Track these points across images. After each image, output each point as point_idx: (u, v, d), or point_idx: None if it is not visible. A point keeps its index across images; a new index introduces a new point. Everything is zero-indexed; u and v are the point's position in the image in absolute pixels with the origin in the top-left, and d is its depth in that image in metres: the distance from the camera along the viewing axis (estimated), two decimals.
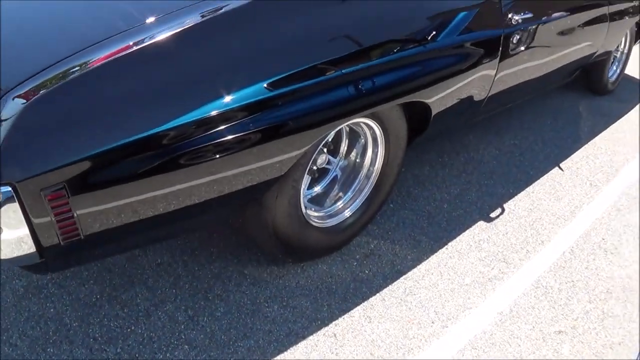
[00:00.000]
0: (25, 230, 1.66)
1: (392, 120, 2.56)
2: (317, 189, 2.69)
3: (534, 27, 3.16)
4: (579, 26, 3.70)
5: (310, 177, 2.59)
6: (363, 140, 2.65)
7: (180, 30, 1.92)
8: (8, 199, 1.59)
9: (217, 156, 1.92)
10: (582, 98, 4.65)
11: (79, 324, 2.28)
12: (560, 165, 3.62)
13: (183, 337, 2.28)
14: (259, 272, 2.56)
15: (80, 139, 1.69)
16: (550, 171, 3.56)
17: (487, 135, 3.83)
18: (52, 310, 2.33)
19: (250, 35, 2.04)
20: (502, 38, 2.89)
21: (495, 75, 2.96)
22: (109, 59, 1.81)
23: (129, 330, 2.29)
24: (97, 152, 1.69)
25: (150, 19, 1.99)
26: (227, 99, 1.89)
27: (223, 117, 1.87)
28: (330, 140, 2.54)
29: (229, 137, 1.90)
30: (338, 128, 2.36)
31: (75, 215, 1.71)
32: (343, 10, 2.29)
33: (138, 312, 2.35)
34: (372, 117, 2.46)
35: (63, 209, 1.68)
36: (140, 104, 1.80)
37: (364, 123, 2.52)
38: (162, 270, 2.52)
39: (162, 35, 1.90)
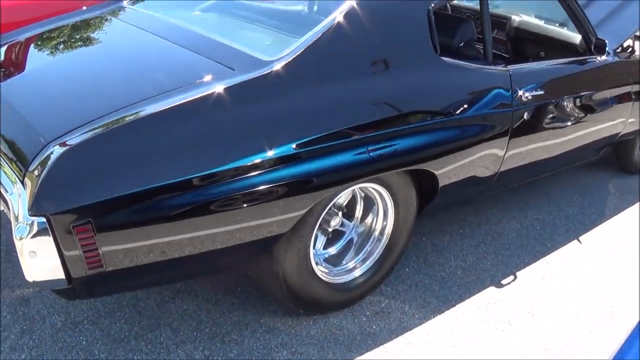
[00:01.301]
0: (56, 258, 1.99)
1: (401, 187, 2.81)
2: (332, 250, 2.93)
3: (545, 105, 3.37)
4: (597, 106, 3.86)
5: (325, 238, 2.85)
6: (376, 206, 2.90)
7: (204, 96, 2.26)
8: (42, 229, 1.93)
9: (230, 209, 2.24)
10: (613, 176, 4.77)
11: (106, 356, 2.58)
12: (579, 238, 3.76)
13: None
14: (274, 322, 2.81)
15: (109, 182, 2.02)
16: (568, 244, 3.69)
17: (511, 209, 4.01)
18: (84, 342, 2.64)
19: (265, 104, 2.36)
20: (512, 115, 3.12)
21: (505, 152, 3.18)
22: (144, 114, 2.17)
23: None
24: (122, 195, 2.02)
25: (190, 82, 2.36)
26: (240, 157, 2.22)
27: (236, 173, 2.19)
28: (344, 203, 2.81)
29: (240, 192, 2.22)
30: (345, 191, 2.64)
31: (99, 248, 2.02)
32: (353, 81, 2.58)
33: (160, 349, 2.63)
34: (379, 182, 2.72)
35: (89, 242, 2.00)
36: (164, 157, 2.13)
37: (373, 188, 2.77)
38: (187, 315, 2.81)
39: (189, 99, 2.25)
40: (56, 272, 2.03)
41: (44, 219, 1.93)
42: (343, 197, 2.76)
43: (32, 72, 2.90)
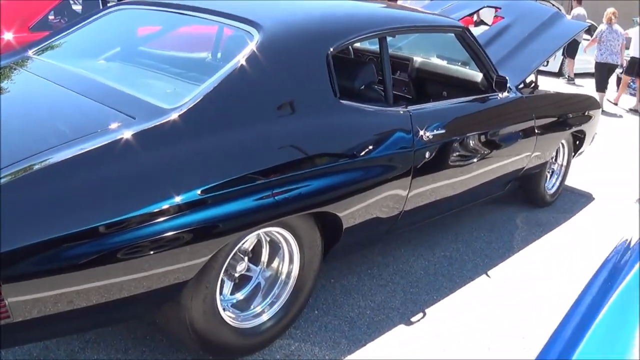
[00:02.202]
0: None
1: (305, 230, 2.85)
2: (239, 295, 2.93)
3: (448, 144, 3.49)
4: (501, 142, 4.02)
5: (232, 283, 2.86)
6: (281, 250, 2.93)
7: (107, 144, 2.28)
8: None
9: (135, 256, 2.24)
10: (520, 210, 4.96)
11: None
12: (488, 273, 3.87)
13: None
14: None
15: (13, 232, 1.99)
16: (477, 279, 3.80)
17: (419, 248, 4.10)
18: None
19: (168, 151, 2.38)
20: (413, 155, 3.22)
21: (408, 192, 3.27)
22: (47, 164, 2.17)
23: None
24: (27, 244, 2.00)
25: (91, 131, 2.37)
26: (144, 204, 2.23)
27: (137, 221, 2.19)
28: (250, 248, 2.83)
29: (146, 239, 2.23)
30: (250, 236, 2.67)
31: (5, 299, 1.99)
32: (255, 125, 2.63)
33: None
34: (283, 226, 2.76)
35: None
36: (69, 205, 2.13)
37: (277, 232, 2.81)
38: None
39: (92, 147, 2.26)
40: None
41: None
42: (248, 242, 2.79)
43: None
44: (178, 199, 2.28)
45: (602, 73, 11.04)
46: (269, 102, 2.74)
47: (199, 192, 2.35)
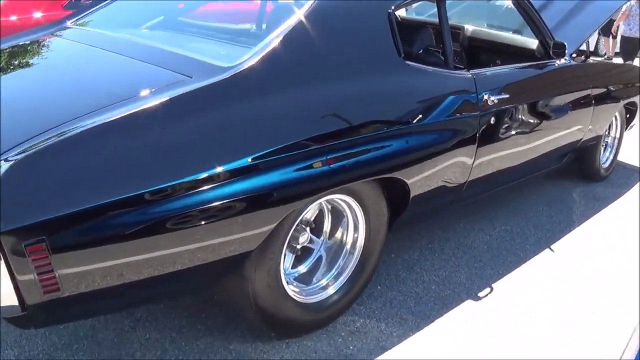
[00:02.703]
0: (7, 281, 1.77)
1: (371, 197, 2.67)
2: (302, 268, 2.76)
3: (510, 110, 3.30)
4: (559, 110, 3.81)
5: (293, 255, 2.68)
6: (345, 219, 2.75)
7: (160, 104, 2.09)
8: None
9: (194, 225, 2.05)
10: (576, 185, 4.75)
11: None
12: (551, 247, 3.67)
13: None
14: (243, 348, 2.62)
15: (62, 198, 1.82)
16: (541, 253, 3.60)
17: (479, 222, 3.92)
18: None
19: (229, 111, 2.20)
20: (479, 120, 3.03)
21: (474, 159, 3.07)
22: (102, 123, 1.98)
23: None
24: (77, 211, 1.82)
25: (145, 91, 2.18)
26: (201, 169, 2.04)
27: (192, 187, 2.01)
28: (312, 218, 2.65)
29: (198, 208, 2.03)
30: (313, 205, 2.48)
31: (55, 271, 1.81)
32: (317, 87, 2.45)
33: None
34: (348, 193, 2.57)
35: (43, 263, 1.79)
36: (119, 170, 1.95)
37: (342, 200, 2.63)
38: (149, 344, 2.60)
39: (151, 105, 2.08)
40: (8, 297, 1.81)
41: None
42: (310, 212, 2.61)
43: None
44: (239, 163, 2.11)
45: (629, 46, 10.72)
46: (332, 62, 2.56)
47: (262, 155, 2.17)
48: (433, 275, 3.27)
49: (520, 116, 3.44)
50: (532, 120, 3.57)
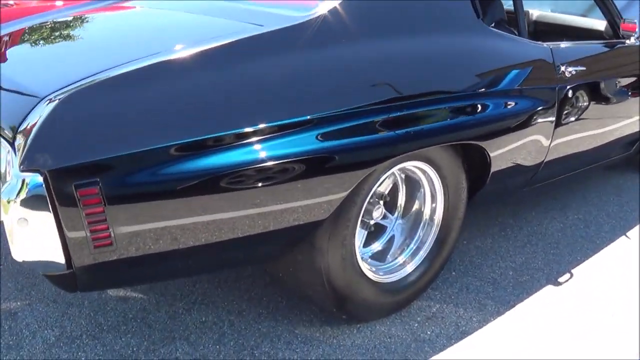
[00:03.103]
0: (52, 229, 1.51)
1: (449, 168, 2.40)
2: (376, 245, 2.50)
3: (587, 84, 3.03)
4: (632, 92, 3.53)
5: (366, 232, 2.40)
6: (422, 189, 2.47)
7: (223, 45, 1.85)
8: (37, 188, 1.46)
9: (262, 185, 1.80)
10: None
11: None
12: (627, 234, 3.38)
13: None
14: (310, 332, 2.34)
15: (121, 135, 1.57)
16: (617, 240, 3.30)
17: (551, 211, 3.61)
18: (83, 358, 2.13)
19: (296, 59, 1.96)
20: (556, 92, 2.76)
21: (552, 138, 2.80)
22: (157, 62, 1.74)
23: None
24: (140, 151, 1.57)
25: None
26: (271, 123, 1.79)
27: (250, 139, 1.76)
28: (386, 191, 2.38)
29: (272, 163, 1.79)
30: (388, 173, 2.21)
31: (107, 218, 1.55)
32: (395, 41, 2.19)
33: None
34: (426, 160, 2.30)
35: (95, 210, 1.53)
36: (181, 111, 1.70)
37: (418, 168, 2.35)
38: (206, 327, 2.32)
39: (214, 46, 1.85)
40: (52, 250, 1.54)
41: (39, 176, 1.47)
42: (384, 185, 2.35)
43: (35, 48, 2.45)
44: (306, 118, 1.85)
45: None
46: (410, 15, 2.30)
47: (331, 112, 1.90)
48: (509, 262, 2.98)
49: (596, 93, 3.18)
50: (607, 99, 3.30)
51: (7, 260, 2.62)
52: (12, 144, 1.59)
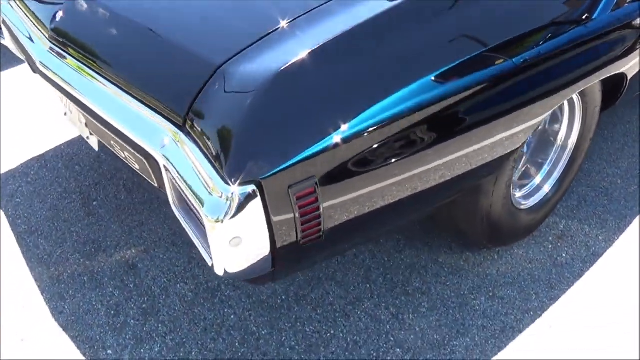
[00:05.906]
0: (265, 238, 1.34)
1: (594, 94, 2.26)
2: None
3: None
4: None
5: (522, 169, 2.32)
6: (562, 117, 2.35)
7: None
8: (252, 203, 1.26)
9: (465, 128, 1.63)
10: None
11: (268, 332, 1.97)
12: None
13: (392, 338, 1.97)
14: (454, 260, 2.25)
15: (324, 122, 1.36)
16: None
17: None
18: (232, 317, 2.01)
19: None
20: None
21: None
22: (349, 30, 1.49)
23: (328, 334, 1.98)
24: (346, 136, 1.36)
25: None
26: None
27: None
28: None
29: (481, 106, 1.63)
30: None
31: (321, 210, 1.38)
32: None
33: (334, 313, 2.04)
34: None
35: (312, 207, 1.37)
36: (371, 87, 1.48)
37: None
38: (348, 262, 2.21)
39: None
40: (262, 259, 1.39)
41: (253, 187, 1.26)
42: None
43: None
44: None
45: None
46: None
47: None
48: (615, 168, 2.87)
49: None
50: None
51: (108, 198, 2.39)
52: (181, 127, 1.38)
